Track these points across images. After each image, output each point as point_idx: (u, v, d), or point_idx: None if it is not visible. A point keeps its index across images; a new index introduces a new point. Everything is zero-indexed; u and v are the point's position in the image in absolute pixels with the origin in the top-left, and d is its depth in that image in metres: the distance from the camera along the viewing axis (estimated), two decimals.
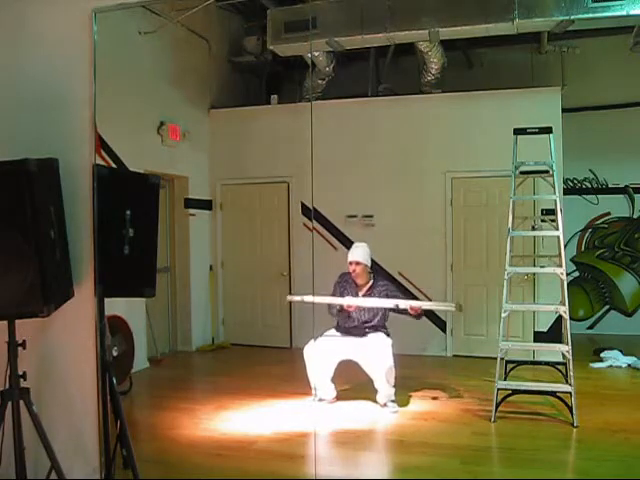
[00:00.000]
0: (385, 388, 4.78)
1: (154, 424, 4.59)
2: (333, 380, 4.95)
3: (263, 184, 7.20)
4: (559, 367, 5.05)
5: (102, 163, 3.99)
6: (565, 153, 5.97)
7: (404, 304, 4.86)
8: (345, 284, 5.11)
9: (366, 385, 4.87)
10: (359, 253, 5.05)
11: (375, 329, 4.98)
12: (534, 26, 5.77)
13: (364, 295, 5.03)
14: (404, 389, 5.02)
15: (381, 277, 5.23)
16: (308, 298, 4.91)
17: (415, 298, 6.49)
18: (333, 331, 5.08)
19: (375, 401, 4.84)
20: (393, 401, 4.80)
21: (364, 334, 4.97)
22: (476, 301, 6.51)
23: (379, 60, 7.20)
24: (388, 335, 4.98)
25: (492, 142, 6.15)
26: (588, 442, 4.12)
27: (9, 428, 2.72)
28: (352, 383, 5.12)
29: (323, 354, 4.87)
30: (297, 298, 5.41)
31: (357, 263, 5.01)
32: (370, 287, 5.05)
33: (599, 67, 6.80)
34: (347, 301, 4.92)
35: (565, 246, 5.03)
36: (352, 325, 5.01)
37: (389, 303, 4.90)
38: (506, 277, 4.70)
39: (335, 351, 4.91)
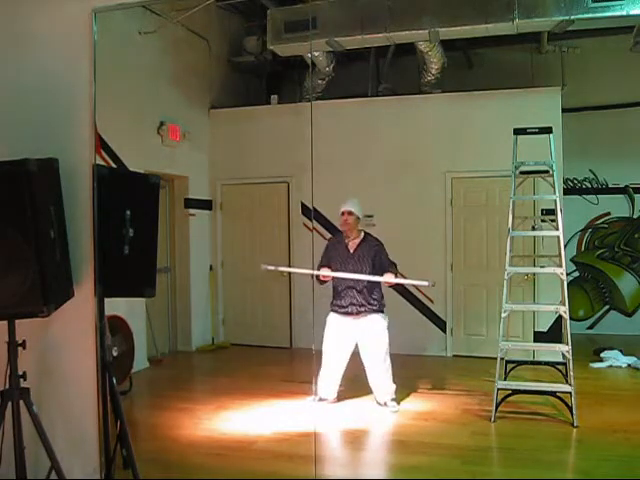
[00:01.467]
0: (385, 385, 4.78)
1: (154, 424, 4.59)
2: (342, 380, 4.92)
3: (263, 184, 7.20)
4: (559, 367, 5.05)
5: (102, 163, 3.99)
6: (565, 153, 5.97)
7: (378, 279, 4.84)
8: (335, 245, 5.08)
9: (366, 385, 4.87)
10: (351, 203, 5.01)
11: (371, 309, 4.89)
12: (534, 26, 5.78)
13: (354, 251, 4.96)
14: (404, 389, 5.02)
15: (371, 236, 5.09)
16: (283, 268, 5.88)
17: (415, 297, 6.52)
18: (333, 315, 4.99)
19: (375, 400, 4.84)
20: (393, 399, 4.80)
21: (359, 312, 4.88)
22: (476, 301, 6.51)
23: (379, 60, 7.20)
24: (383, 311, 4.94)
25: (492, 142, 6.15)
26: (588, 442, 4.12)
27: (9, 428, 2.72)
28: (352, 383, 5.11)
29: (336, 352, 4.85)
30: (271, 267, 5.56)
31: (350, 213, 4.96)
32: (360, 242, 4.99)
33: (599, 67, 6.81)
34: (323, 272, 4.90)
35: (565, 246, 5.03)
36: (348, 302, 4.91)
37: (364, 277, 4.86)
38: (506, 277, 4.70)
39: (345, 344, 4.87)
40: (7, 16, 3.19)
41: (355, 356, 4.91)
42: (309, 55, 6.65)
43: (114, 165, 4.95)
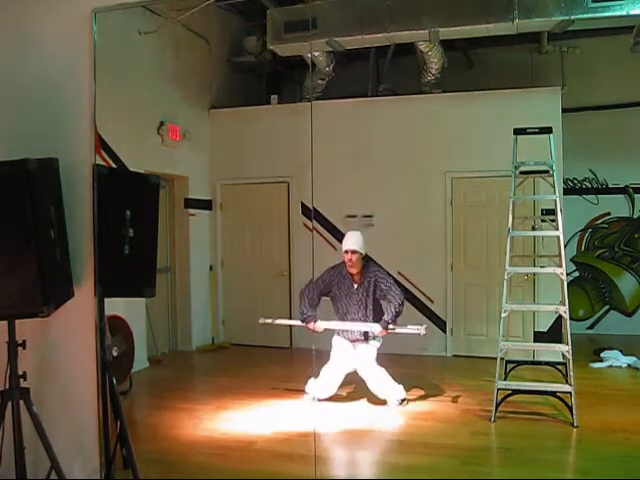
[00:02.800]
0: (390, 388, 4.81)
1: (154, 424, 4.59)
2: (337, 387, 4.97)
3: (263, 184, 7.20)
4: (559, 367, 5.05)
5: (102, 163, 3.98)
6: (565, 153, 5.97)
7: (375, 327, 4.89)
8: (339, 278, 5.04)
9: (366, 385, 4.87)
10: (355, 241, 4.98)
11: (366, 337, 4.99)
12: (534, 26, 5.78)
13: (358, 285, 4.98)
14: (404, 389, 5.01)
15: (372, 263, 5.10)
16: (280, 321, 5.45)
17: (415, 298, 6.52)
18: (338, 338, 5.06)
19: (375, 401, 4.85)
20: (404, 399, 4.86)
21: (357, 340, 4.99)
22: (476, 301, 6.51)
23: (379, 60, 7.20)
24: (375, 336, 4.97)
25: (492, 142, 6.15)
26: (588, 442, 4.12)
27: (9, 428, 2.72)
28: (352, 383, 5.11)
29: (337, 367, 4.92)
30: (268, 320, 5.46)
31: (353, 252, 4.93)
32: (363, 274, 4.99)
33: (599, 67, 6.80)
34: (313, 326, 4.98)
35: (565, 246, 5.03)
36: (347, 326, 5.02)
37: (366, 327, 4.92)
38: (506, 277, 4.70)
39: (346, 363, 4.95)
40: (7, 16, 3.19)
41: None
42: (309, 55, 6.65)
43: (114, 165, 4.94)
